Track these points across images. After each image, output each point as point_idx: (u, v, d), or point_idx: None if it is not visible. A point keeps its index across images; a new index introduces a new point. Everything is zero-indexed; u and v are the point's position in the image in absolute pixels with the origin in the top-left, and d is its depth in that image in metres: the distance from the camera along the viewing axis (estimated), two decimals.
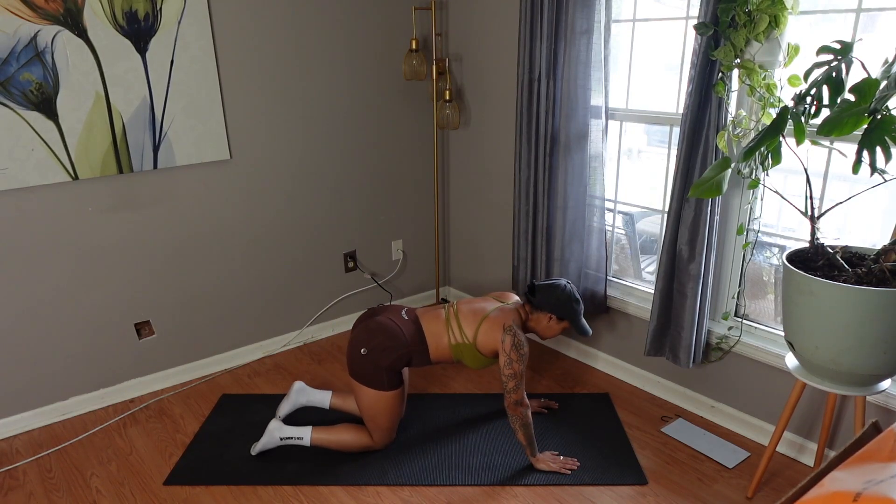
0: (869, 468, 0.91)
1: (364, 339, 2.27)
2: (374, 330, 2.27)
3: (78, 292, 2.65)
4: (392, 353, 2.25)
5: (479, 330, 2.28)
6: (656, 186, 2.76)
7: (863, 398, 1.94)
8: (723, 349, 2.54)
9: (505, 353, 2.21)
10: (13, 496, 2.27)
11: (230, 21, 2.75)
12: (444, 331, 2.31)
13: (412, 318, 2.35)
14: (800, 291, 1.81)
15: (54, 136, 2.43)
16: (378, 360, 2.25)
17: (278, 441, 2.39)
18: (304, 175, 3.16)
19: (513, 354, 2.20)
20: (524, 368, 2.23)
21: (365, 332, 2.29)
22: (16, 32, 2.28)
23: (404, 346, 2.27)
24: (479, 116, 3.37)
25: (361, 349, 2.26)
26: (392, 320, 2.30)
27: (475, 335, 2.28)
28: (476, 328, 2.28)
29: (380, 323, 2.29)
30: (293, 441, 2.38)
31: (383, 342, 2.25)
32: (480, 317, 2.30)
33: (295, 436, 2.38)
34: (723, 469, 2.36)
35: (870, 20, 2.00)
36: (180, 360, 3.01)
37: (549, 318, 2.33)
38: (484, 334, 2.27)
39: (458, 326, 2.31)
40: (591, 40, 2.57)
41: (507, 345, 2.21)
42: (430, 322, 2.34)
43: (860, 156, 1.65)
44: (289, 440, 2.38)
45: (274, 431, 2.39)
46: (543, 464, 2.33)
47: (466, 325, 2.30)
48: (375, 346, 2.25)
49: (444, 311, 2.37)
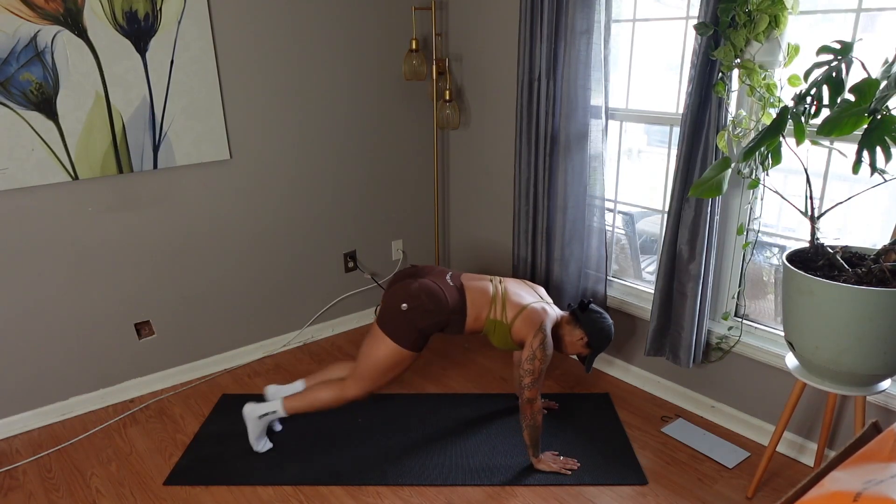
0: (869, 468, 0.91)
1: (409, 296, 2.25)
2: (419, 291, 2.26)
3: (78, 292, 2.65)
4: (432, 318, 2.25)
5: (520, 316, 2.30)
6: (656, 186, 2.76)
7: (863, 398, 1.94)
8: (723, 349, 2.54)
9: (531, 348, 2.23)
10: (13, 496, 2.27)
11: (230, 21, 2.75)
12: (487, 305, 2.33)
13: (457, 286, 2.35)
14: (800, 291, 1.81)
15: (54, 136, 2.43)
16: (416, 319, 2.24)
17: (258, 421, 2.37)
18: (304, 175, 3.16)
19: (538, 352, 2.22)
20: (545, 369, 2.25)
21: (408, 291, 2.27)
22: (16, 32, 2.28)
23: (445, 313, 2.26)
24: (479, 116, 3.37)
25: (402, 304, 2.24)
26: (437, 284, 2.30)
27: (514, 319, 2.30)
28: (517, 313, 2.30)
29: (425, 285, 2.28)
30: (270, 416, 2.37)
31: (426, 304, 2.24)
32: (523, 304, 2.32)
33: (269, 410, 2.37)
34: (723, 469, 2.36)
35: (870, 20, 2.00)
36: (180, 360, 3.01)
37: (581, 337, 2.36)
38: (521, 322, 2.29)
39: (502, 306, 2.33)
40: (591, 40, 2.57)
41: (536, 341, 2.23)
42: (476, 293, 2.35)
43: (860, 156, 1.65)
44: (266, 416, 2.37)
45: (250, 414, 2.38)
46: (544, 464, 2.34)
47: (510, 307, 2.32)
48: (417, 305, 2.24)
49: (492, 286, 2.37)
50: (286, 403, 2.35)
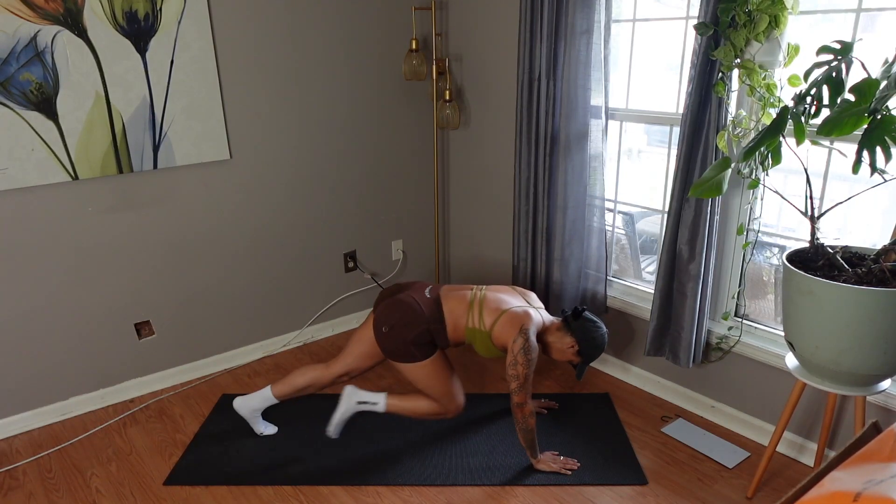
0: (869, 468, 0.91)
1: (384, 317, 2.28)
2: (392, 306, 2.28)
3: (78, 292, 2.65)
4: (413, 329, 2.25)
5: (498, 321, 2.27)
6: (656, 186, 2.76)
7: (863, 398, 1.94)
8: (723, 349, 2.54)
9: (512, 353, 2.20)
10: (13, 496, 2.27)
11: (230, 21, 2.75)
12: (464, 313, 2.32)
13: (433, 297, 2.35)
14: (800, 291, 1.81)
15: (54, 136, 2.43)
16: (401, 335, 2.25)
17: (355, 406, 2.39)
18: (305, 175, 3.16)
19: (519, 357, 2.18)
20: (530, 373, 2.21)
21: (385, 309, 2.30)
22: (16, 32, 2.28)
23: (423, 323, 2.27)
24: (479, 116, 3.37)
25: (382, 327, 2.27)
26: (412, 297, 2.32)
27: (493, 325, 2.28)
28: (495, 319, 2.28)
29: (398, 300, 2.30)
30: (368, 406, 2.39)
31: (402, 318, 2.25)
32: (503, 309, 2.30)
33: (370, 400, 2.38)
34: (723, 469, 2.36)
35: (870, 20, 2.00)
36: (180, 360, 3.01)
37: (571, 344, 2.30)
38: (501, 326, 2.26)
39: (479, 312, 2.31)
40: (591, 40, 2.57)
41: (516, 346, 2.20)
42: (453, 302, 2.34)
43: (860, 156, 1.65)
44: (364, 405, 2.39)
45: (351, 395, 2.39)
46: (544, 464, 2.33)
47: (487, 313, 2.30)
48: (395, 322, 2.25)
49: (471, 294, 2.37)
50: (389, 402, 2.39)
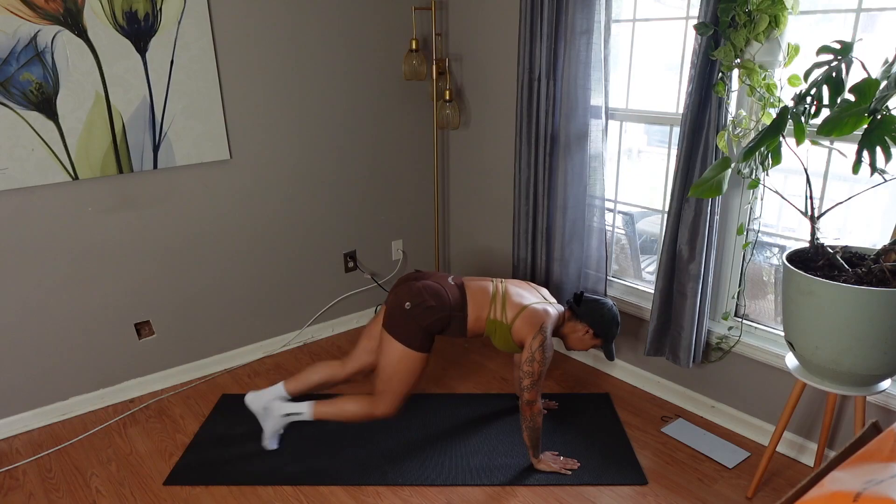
0: (869, 468, 0.91)
1: (409, 296, 2.27)
2: (421, 289, 2.28)
3: (78, 292, 2.65)
4: (434, 314, 2.25)
5: (520, 316, 2.29)
6: (656, 186, 2.76)
7: (863, 398, 1.94)
8: (723, 349, 2.54)
9: (530, 350, 2.22)
10: (13, 496, 2.27)
11: (230, 21, 2.75)
12: (487, 304, 2.33)
13: (458, 284, 2.36)
14: (800, 291, 1.81)
15: (54, 136, 2.43)
16: (420, 317, 2.24)
17: (281, 419, 2.38)
18: (304, 175, 3.16)
19: (537, 355, 2.22)
20: (544, 371, 2.24)
21: (410, 290, 2.29)
22: (16, 32, 2.28)
23: (447, 309, 2.27)
24: (479, 116, 3.37)
25: (406, 303, 2.26)
26: (439, 283, 2.32)
27: (514, 319, 2.29)
28: (517, 314, 2.30)
29: (427, 284, 2.30)
30: (294, 416, 2.37)
31: (428, 301, 2.25)
32: (524, 304, 2.32)
33: (295, 411, 2.37)
34: (723, 469, 2.36)
35: (870, 20, 2.00)
36: (180, 360, 3.01)
37: (586, 330, 2.36)
38: (521, 322, 2.28)
39: (502, 305, 2.32)
40: (591, 40, 2.57)
41: (535, 343, 2.23)
42: (477, 292, 2.35)
43: (860, 156, 1.65)
44: (289, 416, 2.38)
45: (274, 410, 2.38)
46: (544, 464, 2.34)
47: (510, 307, 2.31)
48: (420, 302, 2.25)
49: (493, 286, 2.38)
50: (316, 409, 2.35)
